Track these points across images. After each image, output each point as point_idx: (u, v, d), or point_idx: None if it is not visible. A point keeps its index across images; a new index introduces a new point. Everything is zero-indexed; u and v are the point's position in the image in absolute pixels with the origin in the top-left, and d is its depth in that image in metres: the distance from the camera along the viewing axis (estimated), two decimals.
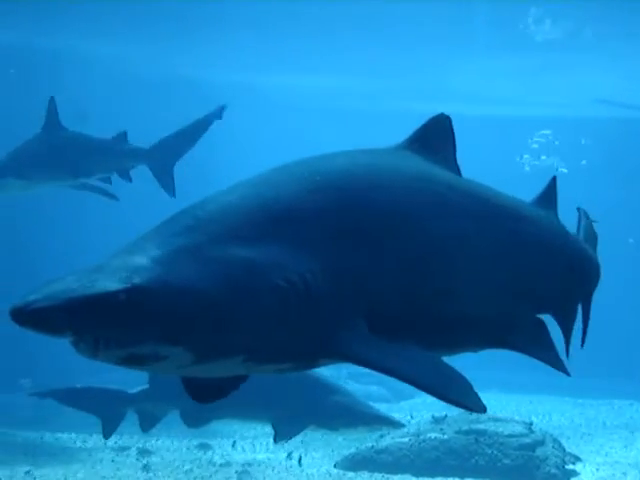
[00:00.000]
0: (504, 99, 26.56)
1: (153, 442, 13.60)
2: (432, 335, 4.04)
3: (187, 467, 11.89)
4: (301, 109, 27.38)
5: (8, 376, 13.74)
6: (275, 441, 9.27)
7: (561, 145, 26.81)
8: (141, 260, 3.48)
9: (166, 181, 11.26)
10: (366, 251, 3.82)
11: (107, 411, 9.33)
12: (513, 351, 4.33)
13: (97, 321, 3.30)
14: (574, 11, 18.57)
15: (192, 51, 22.91)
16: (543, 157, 26.70)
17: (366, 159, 4.21)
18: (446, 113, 4.38)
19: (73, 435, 14.03)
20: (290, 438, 9.19)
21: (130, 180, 11.28)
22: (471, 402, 3.70)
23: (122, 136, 11.23)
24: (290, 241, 3.70)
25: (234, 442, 13.47)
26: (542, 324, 4.50)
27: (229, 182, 3.96)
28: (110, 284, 3.32)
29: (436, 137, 4.38)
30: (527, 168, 26.06)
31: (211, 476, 11.41)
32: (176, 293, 3.42)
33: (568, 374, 4.36)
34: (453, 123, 4.39)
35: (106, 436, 9.48)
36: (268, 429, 13.56)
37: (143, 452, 12.80)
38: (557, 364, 4.37)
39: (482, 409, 3.67)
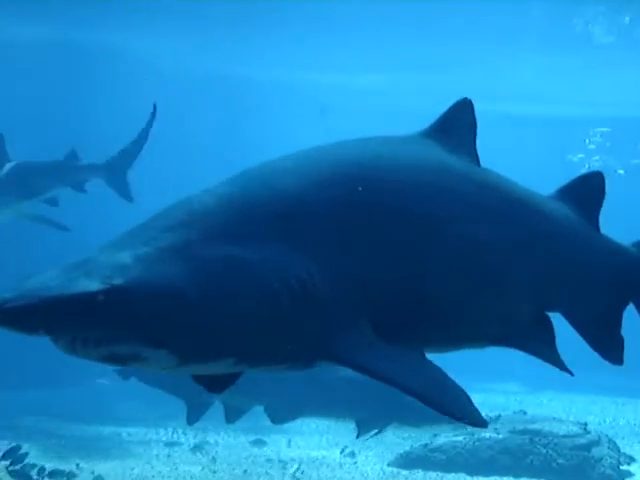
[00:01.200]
0: (557, 98, 26.30)
1: (207, 438, 13.74)
2: (438, 333, 3.91)
3: (242, 463, 11.98)
4: (352, 107, 27.36)
5: (68, 371, 13.91)
6: (357, 437, 9.30)
7: (616, 145, 26.50)
8: (125, 258, 3.33)
9: (122, 189, 12.40)
10: (373, 250, 3.67)
11: (193, 399, 9.48)
12: (514, 349, 4.18)
13: (73, 321, 3.19)
14: (631, 7, 18.38)
15: (239, 48, 22.86)
16: (596, 157, 26.43)
17: (380, 149, 4.02)
18: (469, 98, 4.17)
19: (129, 430, 14.23)
20: (372, 435, 9.24)
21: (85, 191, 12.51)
22: (471, 416, 3.55)
23: (72, 154, 12.67)
24: (288, 239, 3.54)
25: (289, 440, 13.57)
26: (548, 322, 4.28)
27: None
28: (89, 284, 3.20)
29: (458, 124, 4.19)
30: (586, 166, 25.68)
31: (266, 472, 11.47)
32: (158, 295, 3.28)
33: (571, 374, 4.17)
34: (475, 111, 4.19)
35: (190, 422, 9.63)
36: (323, 426, 13.71)
37: (197, 448, 12.91)
38: (558, 363, 4.17)
39: (483, 423, 3.53)
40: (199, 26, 20.84)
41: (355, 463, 12.30)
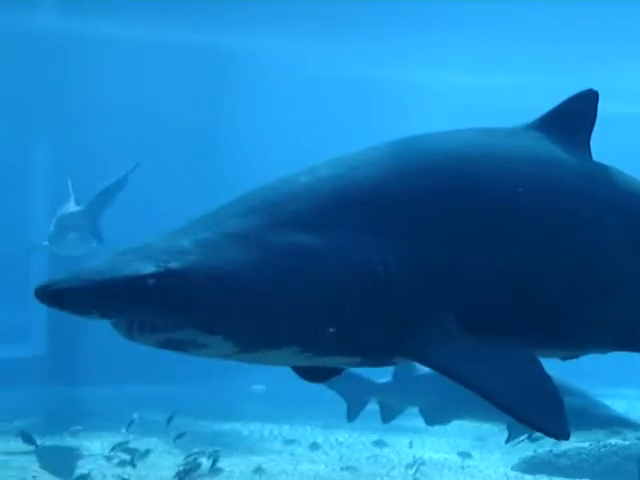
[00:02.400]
0: None
1: (328, 437, 13.83)
2: (544, 334, 3.68)
3: (363, 463, 12.00)
4: (472, 108, 27.08)
5: (199, 370, 14.18)
6: (506, 442, 9.20)
7: None
8: (185, 243, 3.29)
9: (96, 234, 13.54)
10: (460, 241, 3.51)
11: (353, 397, 9.62)
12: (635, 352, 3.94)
13: (125, 304, 3.17)
14: None
15: (375, 50, 22.87)
16: None
17: (476, 139, 3.87)
18: (595, 90, 3.99)
19: (250, 426, 14.43)
20: (521, 439, 9.11)
21: None
22: (551, 427, 3.28)
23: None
24: (362, 228, 3.41)
25: (410, 441, 13.54)
26: None
27: None
28: (143, 267, 3.17)
29: (576, 116, 3.99)
30: None
31: (388, 473, 11.46)
32: (214, 279, 3.21)
33: None
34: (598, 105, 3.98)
35: (350, 419, 9.81)
36: (444, 428, 13.64)
37: (315, 446, 12.97)
38: None
39: (563, 435, 3.25)
40: (334, 28, 20.92)
41: (477, 466, 12.21)
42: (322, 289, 3.30)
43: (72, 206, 14.25)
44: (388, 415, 9.67)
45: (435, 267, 3.45)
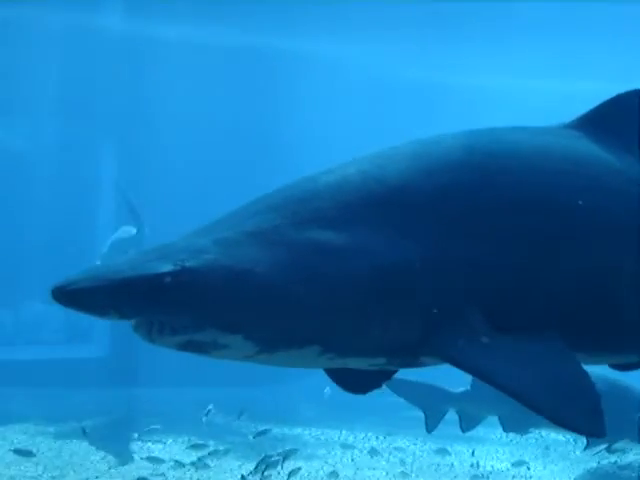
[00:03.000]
0: None
1: (390, 443, 13.74)
2: (575, 336, 3.52)
3: (425, 471, 11.91)
4: (536, 112, 26.76)
5: (258, 373, 14.24)
6: (584, 449, 9.05)
7: None
8: (204, 242, 3.27)
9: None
10: (487, 240, 3.43)
11: (431, 407, 9.62)
12: None
13: (142, 304, 3.14)
14: None
15: (433, 53, 22.75)
16: None
17: (509, 136, 3.81)
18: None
19: (312, 431, 14.41)
20: (600, 450, 9.09)
21: None
22: (586, 426, 3.20)
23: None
24: (387, 226, 3.36)
25: (473, 450, 13.41)
26: None
27: None
28: (160, 266, 3.15)
29: (616, 117, 3.89)
30: None
31: None
32: (232, 278, 3.18)
33: None
34: None
35: (428, 430, 9.81)
36: (506, 438, 13.48)
37: (374, 452, 12.89)
38: None
39: (599, 433, 3.16)
40: (396, 30, 20.85)
41: (540, 477, 12.04)
42: (344, 288, 3.25)
43: (128, 230, 14.42)
44: (468, 424, 9.63)
45: (462, 265, 3.38)
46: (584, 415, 3.20)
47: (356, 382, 3.86)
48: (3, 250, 18.74)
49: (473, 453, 13.28)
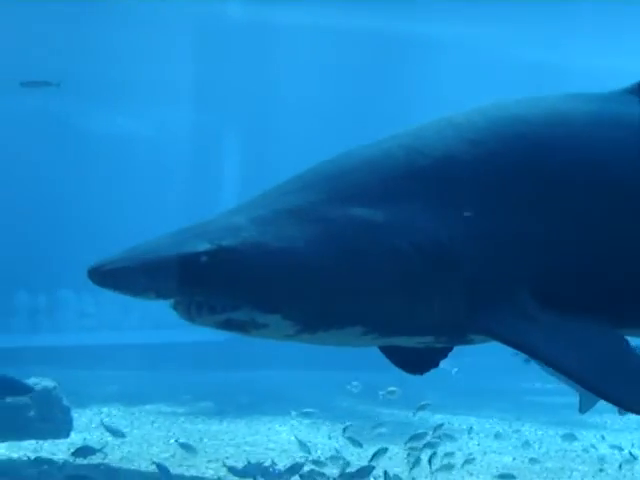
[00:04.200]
0: None
1: (515, 428, 13.64)
2: (628, 313, 3.42)
3: (553, 457, 11.74)
4: None
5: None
6: None
7: None
8: (240, 220, 3.19)
9: None
10: (535, 214, 3.28)
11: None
12: None
13: (179, 283, 3.09)
14: None
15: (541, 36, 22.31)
16: None
17: (559, 105, 3.58)
18: None
19: (437, 417, 14.38)
20: None
21: None
22: (632, 399, 3.06)
23: None
24: (429, 200, 3.23)
25: (602, 435, 13.19)
26: None
27: None
28: (196, 245, 3.09)
29: None
30: None
31: (577, 469, 11.23)
32: (268, 256, 3.10)
33: None
34: None
35: (582, 411, 9.77)
36: (635, 423, 13.21)
37: (499, 437, 12.74)
38: None
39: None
40: (522, 13, 20.56)
41: None
42: (384, 266, 3.16)
43: None
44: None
45: (509, 240, 3.26)
46: (629, 390, 3.11)
47: (413, 361, 3.80)
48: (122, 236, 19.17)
49: (602, 439, 13.06)
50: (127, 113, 22.67)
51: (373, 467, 9.04)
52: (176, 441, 10.67)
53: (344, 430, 11.19)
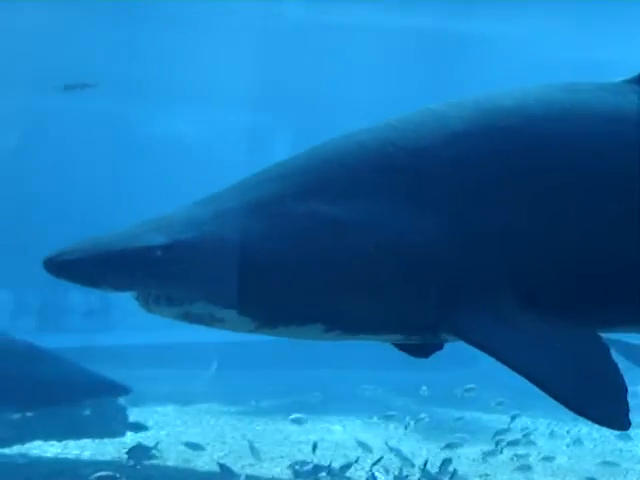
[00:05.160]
0: None
1: (566, 428, 13.52)
2: (615, 314, 3.31)
3: (607, 457, 11.61)
4: None
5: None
6: None
7: None
8: (204, 213, 3.14)
9: None
10: (517, 210, 3.16)
11: None
12: None
13: (132, 277, 3.06)
14: None
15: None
16: None
17: (554, 96, 3.44)
18: None
19: (489, 416, 14.32)
20: None
21: None
22: (608, 416, 2.98)
23: None
24: (400, 196, 3.12)
25: None
26: None
27: None
28: (152, 238, 3.06)
29: None
30: None
31: (632, 468, 11.12)
32: (226, 252, 3.04)
33: None
34: None
35: None
36: None
37: (553, 436, 12.64)
38: None
39: (622, 426, 2.98)
40: (578, 9, 20.35)
41: None
42: (345, 263, 3.07)
43: None
44: None
45: (485, 238, 3.15)
46: (606, 407, 3.02)
47: (417, 346, 3.65)
48: None
49: None
50: (184, 115, 22.83)
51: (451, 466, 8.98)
52: (243, 440, 10.69)
53: (406, 427, 11.16)
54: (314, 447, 9.78)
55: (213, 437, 11.66)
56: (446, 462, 9.22)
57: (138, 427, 11.18)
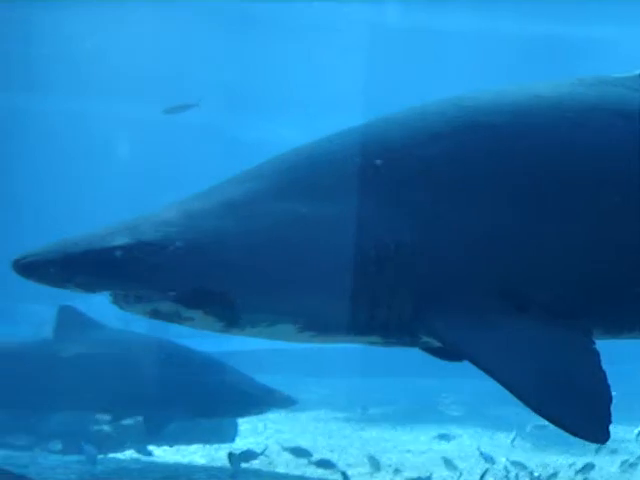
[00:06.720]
0: None
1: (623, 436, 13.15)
2: (610, 318, 3.16)
3: None
4: None
5: None
6: None
7: None
8: (172, 214, 3.13)
9: None
10: (501, 211, 3.05)
11: None
12: None
13: (95, 277, 3.06)
14: None
15: None
16: None
17: (551, 91, 3.34)
18: None
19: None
20: None
21: None
22: (585, 429, 2.77)
23: None
24: (377, 195, 3.06)
25: None
26: None
27: None
28: (115, 239, 3.05)
29: None
30: None
31: None
32: (189, 252, 3.02)
33: None
34: None
35: None
36: None
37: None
38: None
39: (601, 438, 2.75)
40: None
41: None
42: (313, 263, 3.02)
43: None
44: None
45: (466, 237, 3.05)
46: (585, 418, 2.84)
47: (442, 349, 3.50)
48: None
49: None
50: (288, 122, 22.99)
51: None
52: (351, 447, 10.67)
53: (513, 439, 11.02)
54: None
55: (322, 444, 11.69)
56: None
57: (248, 433, 11.26)
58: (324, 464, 9.44)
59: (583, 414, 2.83)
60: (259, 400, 9.17)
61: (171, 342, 9.18)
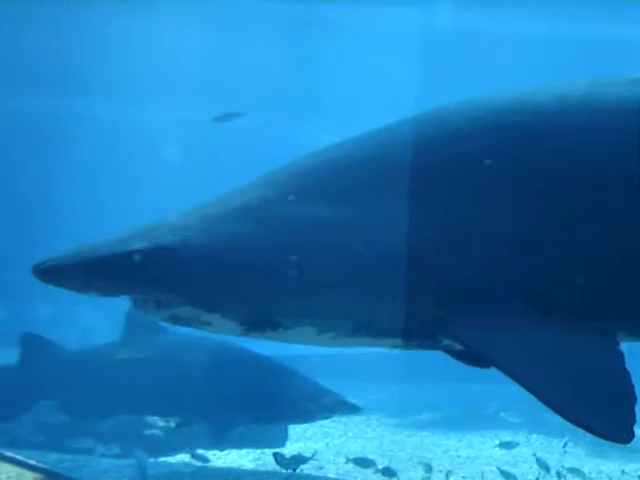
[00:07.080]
0: None
1: None
2: (636, 323, 3.11)
3: None
4: None
5: None
6: None
7: None
8: (190, 219, 3.12)
9: None
10: (518, 213, 3.00)
11: None
12: None
13: (115, 281, 3.07)
14: None
15: None
16: None
17: (573, 91, 3.25)
18: None
19: None
20: None
21: None
22: (610, 429, 2.71)
23: None
24: (395, 198, 3.03)
25: None
26: None
27: None
28: (133, 243, 3.05)
29: None
30: None
31: None
32: (207, 256, 3.01)
33: None
34: None
35: None
36: None
37: None
38: None
39: (626, 438, 2.69)
40: None
41: None
42: (331, 267, 3.01)
43: None
44: None
45: (489, 240, 3.01)
46: (610, 419, 2.78)
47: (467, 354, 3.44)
48: None
49: None
50: (330, 128, 22.98)
51: None
52: (401, 451, 10.62)
53: (564, 445, 10.89)
54: (474, 461, 9.58)
55: (372, 448, 11.66)
56: None
57: (298, 437, 11.26)
58: (387, 472, 9.26)
59: (608, 416, 2.79)
60: (326, 406, 9.10)
61: (239, 347, 9.10)
